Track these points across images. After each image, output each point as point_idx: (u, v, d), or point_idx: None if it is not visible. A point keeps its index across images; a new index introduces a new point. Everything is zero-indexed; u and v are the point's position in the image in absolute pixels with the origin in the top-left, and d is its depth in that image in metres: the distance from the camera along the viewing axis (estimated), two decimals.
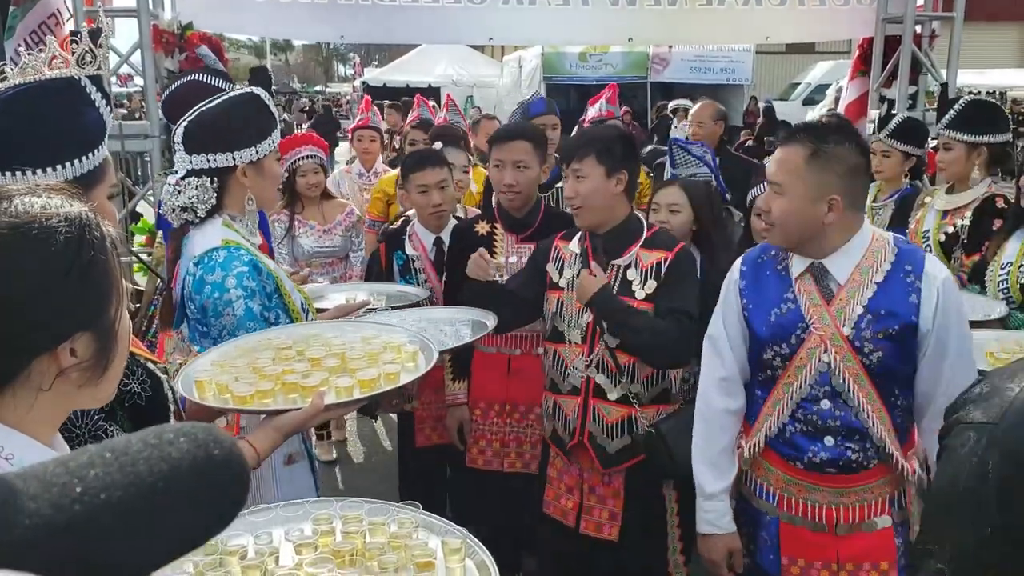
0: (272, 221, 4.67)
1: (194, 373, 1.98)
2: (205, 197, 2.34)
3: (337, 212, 4.76)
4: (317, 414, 1.81)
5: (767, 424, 2.25)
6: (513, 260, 3.26)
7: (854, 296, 2.14)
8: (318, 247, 4.68)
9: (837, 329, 2.13)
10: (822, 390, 2.17)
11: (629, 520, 2.81)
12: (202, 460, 0.63)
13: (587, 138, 2.92)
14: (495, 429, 3.42)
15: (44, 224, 1.02)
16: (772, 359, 2.22)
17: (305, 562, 1.38)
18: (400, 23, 6.11)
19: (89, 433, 1.56)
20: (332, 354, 2.06)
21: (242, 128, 2.36)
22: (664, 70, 19.85)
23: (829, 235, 2.17)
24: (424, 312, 3.07)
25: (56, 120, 1.68)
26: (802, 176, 2.12)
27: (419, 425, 3.71)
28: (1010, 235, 3.34)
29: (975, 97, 4.00)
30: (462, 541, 1.43)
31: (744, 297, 2.29)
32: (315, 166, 4.70)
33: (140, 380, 1.73)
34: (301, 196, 4.69)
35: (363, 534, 1.47)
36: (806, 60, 24.11)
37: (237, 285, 2.26)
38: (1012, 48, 26.43)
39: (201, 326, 2.38)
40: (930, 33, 6.37)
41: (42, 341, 1.04)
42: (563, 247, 2.91)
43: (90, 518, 0.57)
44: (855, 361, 2.12)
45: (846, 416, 2.16)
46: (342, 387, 1.88)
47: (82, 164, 1.67)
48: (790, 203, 2.14)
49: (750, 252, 2.39)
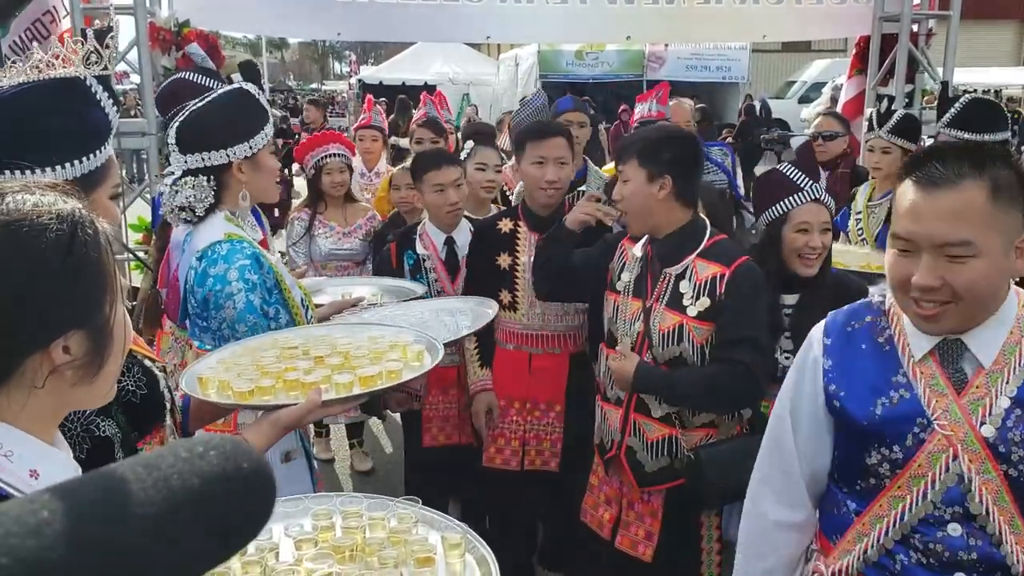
0: (292, 220, 4.67)
1: (198, 371, 1.99)
2: (203, 195, 2.34)
3: (359, 216, 4.67)
4: (314, 409, 1.81)
5: (862, 546, 1.67)
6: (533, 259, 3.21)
7: (996, 383, 1.57)
8: (336, 249, 4.57)
9: (972, 428, 1.57)
10: (950, 511, 1.58)
11: (665, 543, 2.68)
12: (232, 473, 0.63)
13: (630, 140, 2.82)
14: (514, 428, 3.35)
15: (35, 222, 1.02)
16: (876, 465, 1.65)
17: (305, 558, 1.38)
18: (397, 21, 6.11)
19: (82, 428, 1.55)
20: (336, 352, 2.06)
21: (234, 124, 2.37)
22: (660, 68, 19.90)
23: (999, 298, 1.59)
24: (426, 303, 3.04)
25: (60, 119, 1.67)
26: (993, 224, 1.51)
27: (426, 425, 3.65)
28: None
29: (975, 96, 4.02)
30: (462, 536, 1.44)
31: (832, 380, 1.71)
32: (341, 164, 4.63)
33: (136, 378, 1.73)
34: (325, 195, 4.61)
35: (363, 529, 1.47)
36: (802, 58, 24.15)
37: (239, 278, 2.26)
38: (1008, 47, 26.50)
39: (202, 320, 2.38)
40: (927, 31, 6.38)
41: (34, 339, 1.04)
42: (628, 248, 2.77)
43: (124, 533, 0.57)
44: (996, 473, 1.55)
45: (984, 547, 1.57)
46: (342, 383, 1.88)
47: (84, 164, 1.66)
48: (988, 265, 1.51)
49: (835, 318, 1.78)
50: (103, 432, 1.57)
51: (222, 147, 2.33)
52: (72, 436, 1.54)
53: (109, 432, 1.58)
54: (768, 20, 6.73)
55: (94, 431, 1.57)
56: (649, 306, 2.64)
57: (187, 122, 2.35)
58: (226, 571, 1.38)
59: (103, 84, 1.76)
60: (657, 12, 6.46)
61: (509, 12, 6.28)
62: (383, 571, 1.35)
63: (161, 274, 3.13)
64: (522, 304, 3.28)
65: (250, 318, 2.28)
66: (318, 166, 4.57)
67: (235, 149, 2.34)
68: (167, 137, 2.40)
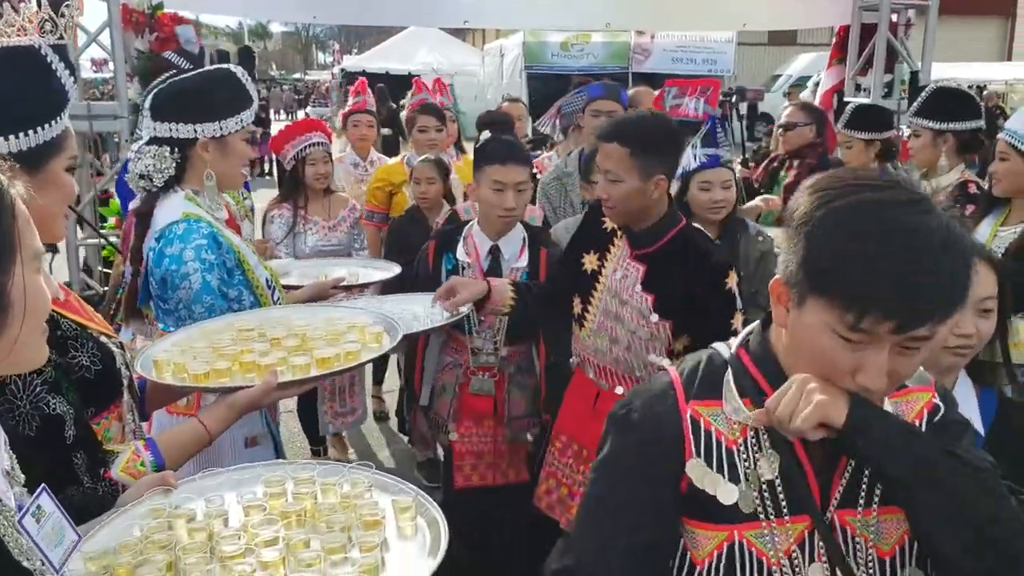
0: (270, 217, 4.31)
1: (153, 354, 1.97)
2: (162, 166, 2.32)
3: (340, 207, 4.37)
4: (270, 391, 1.81)
5: None
6: (618, 275, 2.64)
7: None
8: (323, 244, 4.25)
9: None
10: None
11: None
12: None
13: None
14: (568, 472, 2.81)
15: None
16: None
17: (251, 523, 1.37)
18: (374, 5, 6.07)
19: (31, 405, 1.53)
20: (292, 334, 2.05)
21: (209, 102, 2.34)
22: (646, 60, 19.94)
23: None
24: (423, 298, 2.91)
25: (13, 89, 1.64)
26: None
27: (457, 462, 3.17)
28: (981, 220, 3.40)
29: (942, 86, 4.07)
30: (413, 499, 1.43)
31: None
32: (324, 154, 4.29)
33: (90, 353, 1.71)
34: (306, 189, 4.28)
35: (314, 495, 1.46)
36: (788, 52, 24.24)
37: (195, 258, 2.24)
38: (992, 42, 26.69)
39: (163, 302, 2.36)
40: (906, 22, 6.42)
41: None
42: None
43: None
44: None
45: None
46: (298, 365, 1.87)
47: (39, 134, 1.63)
48: None
49: None
50: (53, 410, 1.55)
51: (191, 121, 2.31)
52: (21, 413, 1.52)
53: (60, 409, 1.56)
54: (748, 8, 6.76)
55: (44, 408, 1.55)
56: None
57: (165, 90, 2.33)
58: (170, 537, 1.36)
59: (59, 53, 1.73)
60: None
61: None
62: (330, 535, 1.34)
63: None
64: (590, 322, 2.70)
65: (207, 299, 2.26)
66: (299, 156, 4.24)
67: (204, 127, 2.32)
68: (142, 103, 2.37)
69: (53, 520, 1.12)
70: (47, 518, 1.10)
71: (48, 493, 1.13)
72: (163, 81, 2.43)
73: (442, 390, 3.22)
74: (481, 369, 3.12)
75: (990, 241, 3.28)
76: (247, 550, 1.31)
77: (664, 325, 2.54)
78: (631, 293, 2.57)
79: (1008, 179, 3.21)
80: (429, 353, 3.25)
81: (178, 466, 1.73)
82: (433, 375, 3.25)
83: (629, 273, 2.60)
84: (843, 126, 4.39)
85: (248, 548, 1.31)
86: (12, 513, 1.07)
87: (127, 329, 2.66)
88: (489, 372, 3.12)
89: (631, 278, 2.58)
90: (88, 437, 1.63)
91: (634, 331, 2.58)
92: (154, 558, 1.30)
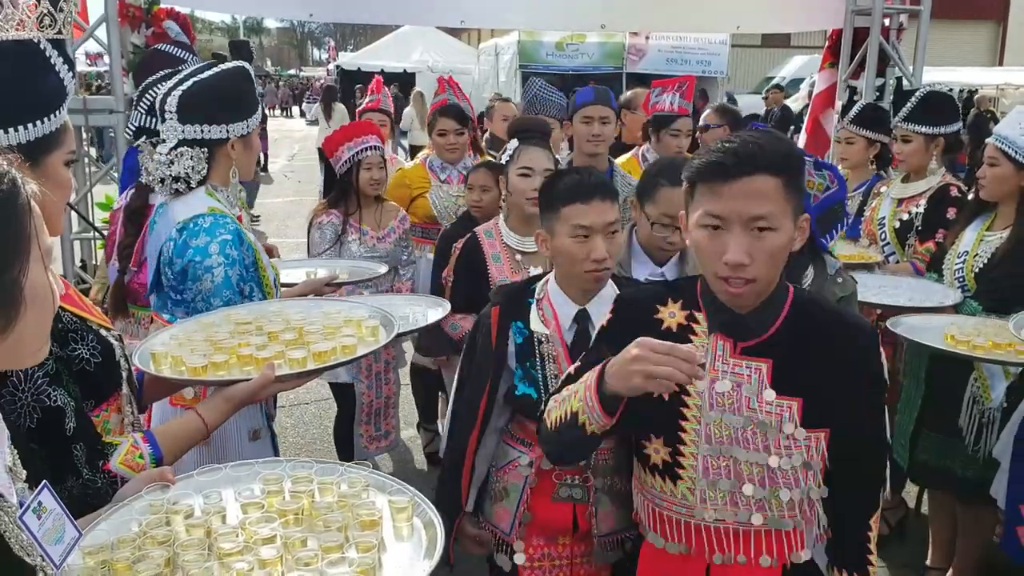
0: (317, 223, 4.03)
1: (151, 346, 1.98)
2: (199, 168, 2.36)
3: (391, 217, 4.10)
4: (267, 384, 1.83)
5: None
6: (724, 387, 1.77)
7: None
8: (369, 255, 3.96)
9: None
10: None
11: None
12: None
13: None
14: None
15: None
16: None
17: (249, 521, 1.38)
18: (372, 3, 6.06)
19: (32, 397, 1.55)
20: (290, 328, 2.06)
21: (237, 101, 2.40)
22: (640, 61, 19.91)
23: None
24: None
25: (11, 83, 1.65)
26: None
27: None
28: (967, 225, 3.42)
29: (931, 90, 4.09)
30: (410, 500, 1.44)
31: None
32: (380, 159, 4.02)
33: (90, 346, 1.73)
34: (360, 194, 4.01)
35: (311, 494, 1.48)
36: (781, 54, 24.30)
37: (220, 252, 2.28)
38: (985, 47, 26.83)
39: (176, 293, 2.38)
40: (898, 26, 6.47)
41: None
42: None
43: None
44: None
45: None
46: (295, 359, 1.89)
47: (37, 128, 1.64)
48: None
49: None
50: (54, 402, 1.57)
51: (223, 122, 2.36)
52: (22, 406, 1.54)
53: (61, 401, 1.58)
54: (742, 11, 6.77)
55: (45, 401, 1.57)
56: None
57: (192, 92, 2.35)
58: (169, 534, 1.38)
59: (58, 48, 1.74)
60: (631, 0, 6.47)
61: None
62: (327, 534, 1.36)
63: (136, 254, 3.07)
64: (688, 465, 1.80)
65: (226, 293, 2.30)
66: (354, 160, 3.97)
67: (235, 126, 2.38)
68: (161, 103, 2.38)
69: (54, 516, 1.13)
70: (48, 514, 1.12)
71: (49, 489, 1.14)
72: (165, 77, 2.45)
73: (503, 494, 2.36)
74: (568, 472, 2.29)
75: (976, 247, 3.32)
76: (245, 548, 1.32)
77: (820, 437, 1.76)
78: (757, 406, 1.75)
79: (994, 184, 3.25)
80: (485, 441, 2.35)
81: (176, 458, 1.75)
82: (487, 472, 2.40)
83: (743, 379, 1.76)
84: (849, 122, 4.40)
85: (246, 546, 1.33)
86: (14, 509, 1.08)
87: None
88: (580, 475, 2.28)
89: (750, 385, 1.75)
90: (88, 429, 1.64)
91: (766, 460, 1.75)
92: (152, 554, 1.32)
